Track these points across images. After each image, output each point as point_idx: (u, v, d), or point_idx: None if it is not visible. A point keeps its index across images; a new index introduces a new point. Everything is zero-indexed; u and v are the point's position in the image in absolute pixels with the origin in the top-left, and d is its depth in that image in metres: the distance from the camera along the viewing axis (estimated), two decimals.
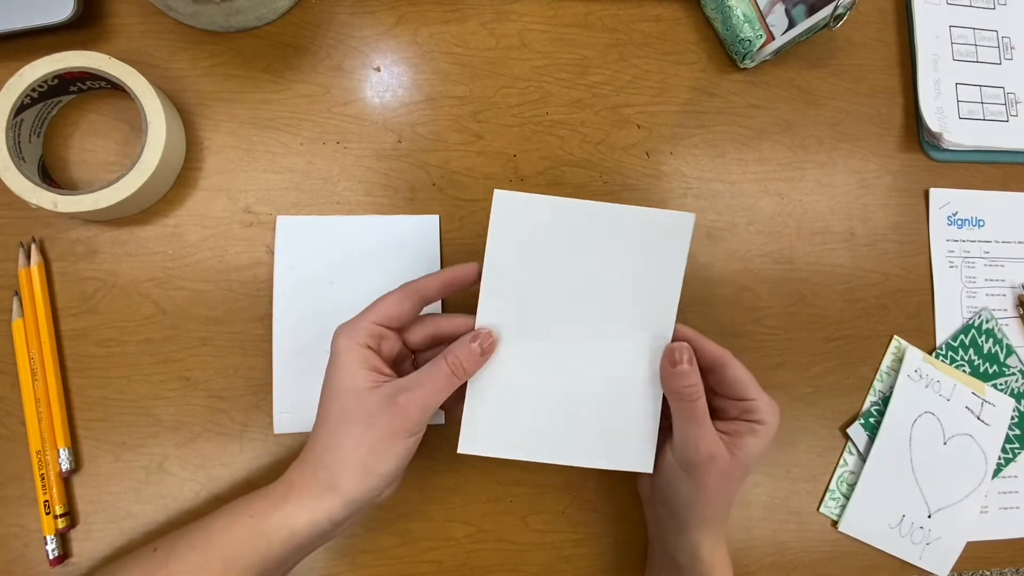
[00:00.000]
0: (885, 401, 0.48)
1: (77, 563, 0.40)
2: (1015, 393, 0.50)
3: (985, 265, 0.52)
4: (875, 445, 0.47)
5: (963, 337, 0.50)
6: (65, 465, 0.40)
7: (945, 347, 0.50)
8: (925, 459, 0.48)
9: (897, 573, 0.48)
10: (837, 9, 0.43)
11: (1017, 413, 0.50)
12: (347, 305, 0.42)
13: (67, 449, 0.40)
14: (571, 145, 0.47)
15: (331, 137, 0.45)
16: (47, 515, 0.39)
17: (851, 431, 0.48)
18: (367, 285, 0.43)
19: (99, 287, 0.41)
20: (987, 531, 0.49)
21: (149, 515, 0.41)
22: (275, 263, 0.43)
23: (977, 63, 0.53)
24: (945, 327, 0.50)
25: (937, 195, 0.51)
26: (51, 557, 0.39)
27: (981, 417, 0.48)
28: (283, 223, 0.43)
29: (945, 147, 0.51)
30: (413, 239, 0.44)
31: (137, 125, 0.42)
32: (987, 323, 0.51)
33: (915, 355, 0.49)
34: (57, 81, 0.39)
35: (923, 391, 0.48)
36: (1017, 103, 0.53)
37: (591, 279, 0.36)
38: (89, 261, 0.42)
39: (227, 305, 0.42)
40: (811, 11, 0.44)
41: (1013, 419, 0.49)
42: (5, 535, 0.39)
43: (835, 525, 0.47)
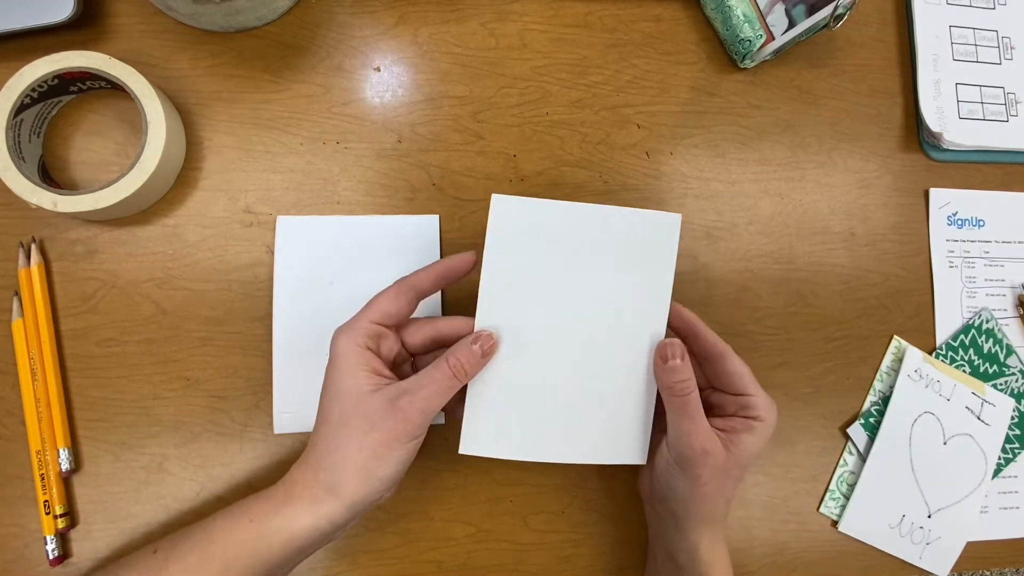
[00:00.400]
0: (885, 401, 0.48)
1: (77, 563, 0.40)
2: (1015, 393, 0.50)
3: (985, 265, 0.52)
4: (875, 445, 0.47)
5: (963, 337, 0.50)
6: (65, 465, 0.40)
7: (945, 347, 0.50)
8: (925, 459, 0.48)
9: (897, 573, 0.48)
10: (837, 9, 0.43)
11: (1017, 413, 0.50)
12: (347, 305, 0.41)
13: (67, 449, 0.40)
14: (571, 145, 0.47)
15: (331, 137, 0.45)
16: (47, 515, 0.39)
17: (851, 431, 0.48)
18: (367, 285, 0.43)
19: (99, 287, 0.41)
20: (987, 531, 0.49)
21: (149, 515, 0.41)
22: (275, 263, 0.43)
23: (977, 63, 0.53)
24: (945, 327, 0.50)
25: (937, 195, 0.51)
26: (51, 557, 0.39)
27: (981, 417, 0.49)
28: (283, 223, 0.43)
29: (945, 147, 0.51)
30: (413, 239, 0.44)
31: (137, 125, 0.42)
32: (987, 323, 0.51)
33: (915, 355, 0.49)
34: (57, 81, 0.39)
35: (923, 391, 0.48)
36: (1017, 103, 0.53)
37: (586, 279, 0.37)
38: (89, 261, 0.42)
39: (227, 305, 0.42)
40: (811, 11, 0.44)
41: (1013, 419, 0.49)
42: (5, 535, 0.39)
43: (835, 525, 0.47)
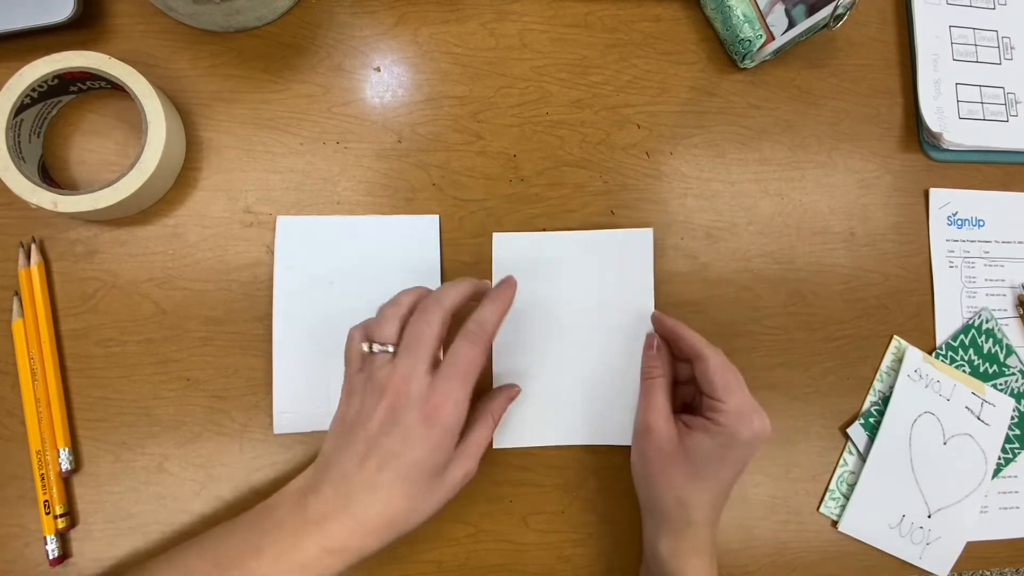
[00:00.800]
0: (885, 401, 0.48)
1: (77, 563, 0.40)
2: (1015, 393, 0.50)
3: (985, 265, 0.52)
4: (875, 445, 0.47)
5: (963, 337, 0.50)
6: (65, 465, 0.40)
7: (945, 347, 0.50)
8: (925, 459, 0.48)
9: (897, 573, 0.48)
10: (837, 9, 0.43)
11: (1017, 413, 0.50)
12: (347, 305, 0.42)
13: (67, 449, 0.40)
14: (571, 145, 0.47)
15: (331, 137, 0.45)
16: (47, 515, 0.39)
17: (851, 431, 0.48)
18: (367, 285, 0.43)
19: (99, 287, 0.41)
20: (987, 531, 0.49)
21: (149, 515, 0.41)
22: (275, 263, 0.43)
23: (977, 63, 0.53)
24: (945, 327, 0.50)
25: (937, 195, 0.51)
26: (51, 557, 0.39)
27: (981, 417, 0.48)
28: (283, 223, 0.43)
29: (945, 147, 0.51)
30: (413, 239, 0.44)
31: (137, 125, 0.42)
32: (987, 323, 0.51)
33: (915, 355, 0.49)
34: (57, 81, 0.39)
35: (923, 391, 0.48)
36: (1017, 103, 0.53)
37: (580, 293, 0.44)
38: (89, 261, 0.42)
39: (227, 305, 0.42)
40: (811, 11, 0.44)
41: (1013, 419, 0.49)
42: (5, 535, 0.39)
43: (835, 525, 0.47)
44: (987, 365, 0.50)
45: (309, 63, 0.45)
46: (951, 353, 0.50)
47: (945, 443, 0.48)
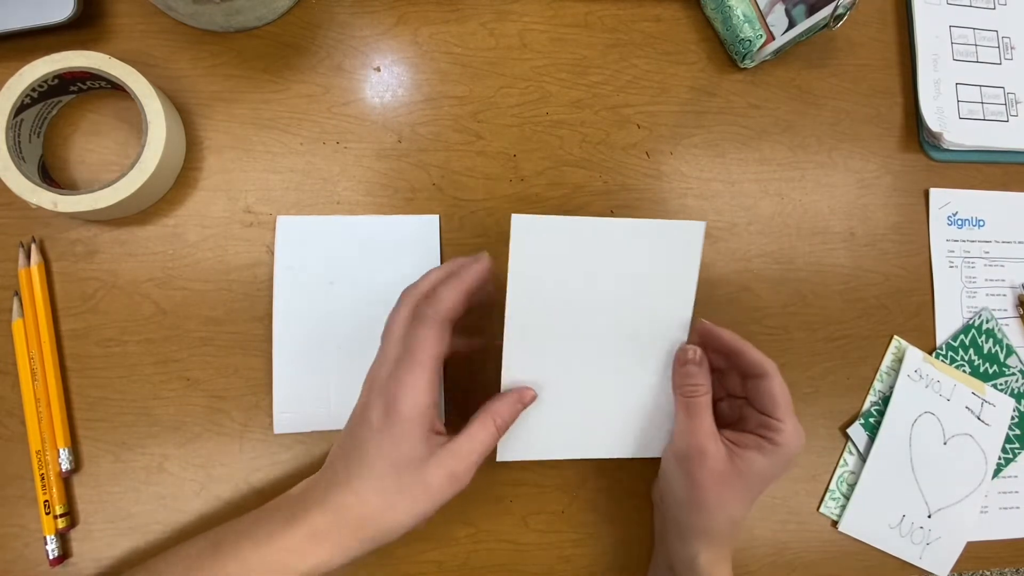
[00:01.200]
0: (885, 401, 0.48)
1: (77, 563, 0.40)
2: (1015, 393, 0.50)
3: (985, 265, 0.52)
4: (875, 445, 0.47)
5: (963, 337, 0.50)
6: (65, 465, 0.40)
7: (945, 347, 0.50)
8: (925, 459, 0.48)
9: (897, 573, 0.48)
10: (837, 9, 0.43)
11: (1017, 413, 0.50)
12: (347, 305, 0.42)
13: (67, 449, 0.40)
14: (571, 145, 0.47)
15: (331, 137, 0.45)
16: (47, 515, 0.39)
17: (851, 431, 0.48)
18: (367, 285, 0.43)
19: (99, 287, 0.41)
20: (987, 531, 0.49)
21: (149, 515, 0.41)
22: (275, 263, 0.43)
23: (977, 63, 0.53)
24: (945, 327, 0.50)
25: (937, 195, 0.51)
26: (51, 557, 0.39)
27: (981, 417, 0.48)
28: (283, 223, 0.43)
29: (945, 147, 0.51)
30: (413, 239, 0.44)
31: (137, 125, 0.42)
32: (987, 323, 0.51)
33: (915, 355, 0.49)
34: (57, 81, 0.39)
35: (923, 391, 0.48)
36: (1017, 103, 0.53)
37: (609, 290, 0.37)
38: (89, 261, 0.42)
39: (227, 305, 0.42)
40: (811, 11, 0.44)
41: (1013, 419, 0.49)
42: (5, 535, 0.39)
43: (835, 525, 0.47)
44: (987, 365, 0.50)
45: (309, 63, 0.45)
46: (951, 353, 0.50)
47: (945, 443, 0.48)
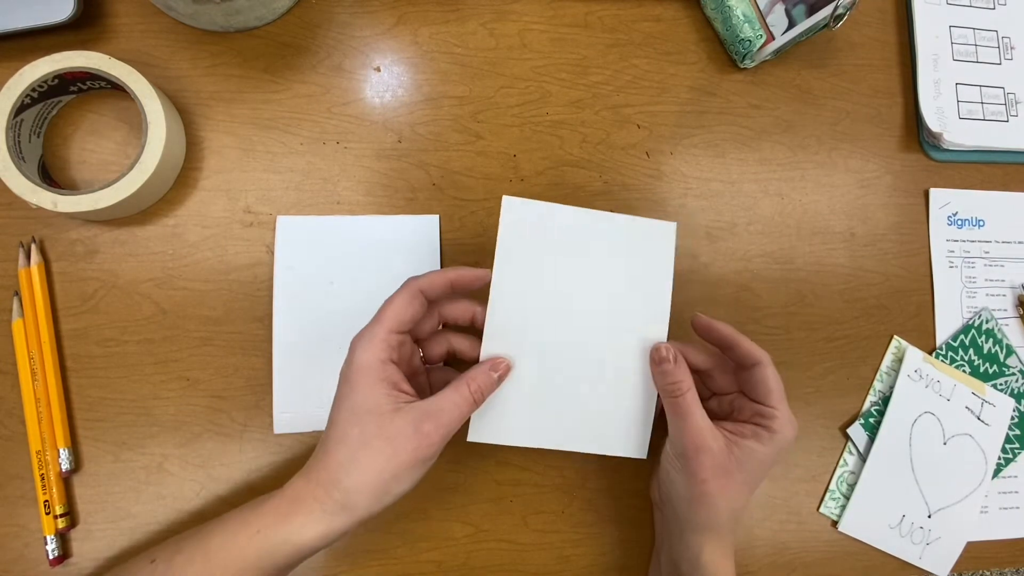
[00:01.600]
0: (885, 401, 0.48)
1: (77, 563, 0.40)
2: (1015, 393, 0.50)
3: (985, 265, 0.52)
4: (875, 445, 0.47)
5: (963, 337, 0.50)
6: (65, 465, 0.40)
7: (945, 347, 0.50)
8: (925, 459, 0.48)
9: (897, 573, 0.48)
10: (837, 9, 0.43)
11: (1017, 413, 0.50)
12: (347, 305, 0.42)
13: (67, 449, 0.40)
14: (571, 145, 0.47)
15: (331, 137, 0.45)
16: (47, 515, 0.39)
17: (851, 431, 0.48)
18: (367, 285, 0.43)
19: (99, 287, 0.41)
20: (987, 531, 0.49)
21: (149, 515, 0.41)
22: (275, 263, 0.43)
23: (977, 63, 0.53)
24: (945, 327, 0.50)
25: (937, 195, 0.51)
26: (51, 557, 0.39)
27: (981, 417, 0.48)
28: (283, 223, 0.43)
29: (945, 147, 0.51)
30: (413, 239, 0.44)
31: (137, 125, 0.42)
32: (987, 323, 0.51)
33: (915, 355, 0.49)
34: (57, 81, 0.39)
35: (923, 391, 0.48)
36: (1017, 103, 0.53)
37: (591, 281, 0.38)
38: (89, 261, 0.42)
39: (227, 305, 0.42)
40: (811, 11, 0.44)
41: (1013, 419, 0.49)
42: (5, 535, 0.39)
43: (835, 525, 0.47)
44: (987, 365, 0.50)
45: (309, 63, 0.45)
46: (951, 353, 0.50)
47: (945, 443, 0.48)
